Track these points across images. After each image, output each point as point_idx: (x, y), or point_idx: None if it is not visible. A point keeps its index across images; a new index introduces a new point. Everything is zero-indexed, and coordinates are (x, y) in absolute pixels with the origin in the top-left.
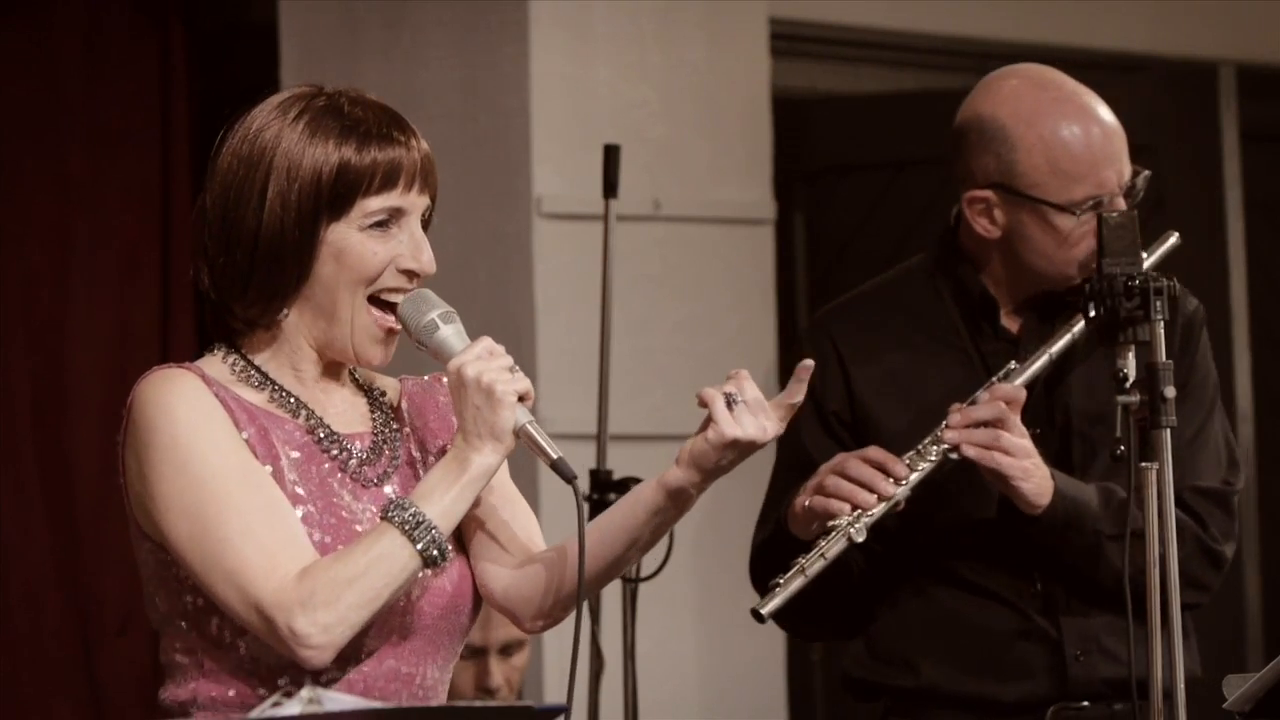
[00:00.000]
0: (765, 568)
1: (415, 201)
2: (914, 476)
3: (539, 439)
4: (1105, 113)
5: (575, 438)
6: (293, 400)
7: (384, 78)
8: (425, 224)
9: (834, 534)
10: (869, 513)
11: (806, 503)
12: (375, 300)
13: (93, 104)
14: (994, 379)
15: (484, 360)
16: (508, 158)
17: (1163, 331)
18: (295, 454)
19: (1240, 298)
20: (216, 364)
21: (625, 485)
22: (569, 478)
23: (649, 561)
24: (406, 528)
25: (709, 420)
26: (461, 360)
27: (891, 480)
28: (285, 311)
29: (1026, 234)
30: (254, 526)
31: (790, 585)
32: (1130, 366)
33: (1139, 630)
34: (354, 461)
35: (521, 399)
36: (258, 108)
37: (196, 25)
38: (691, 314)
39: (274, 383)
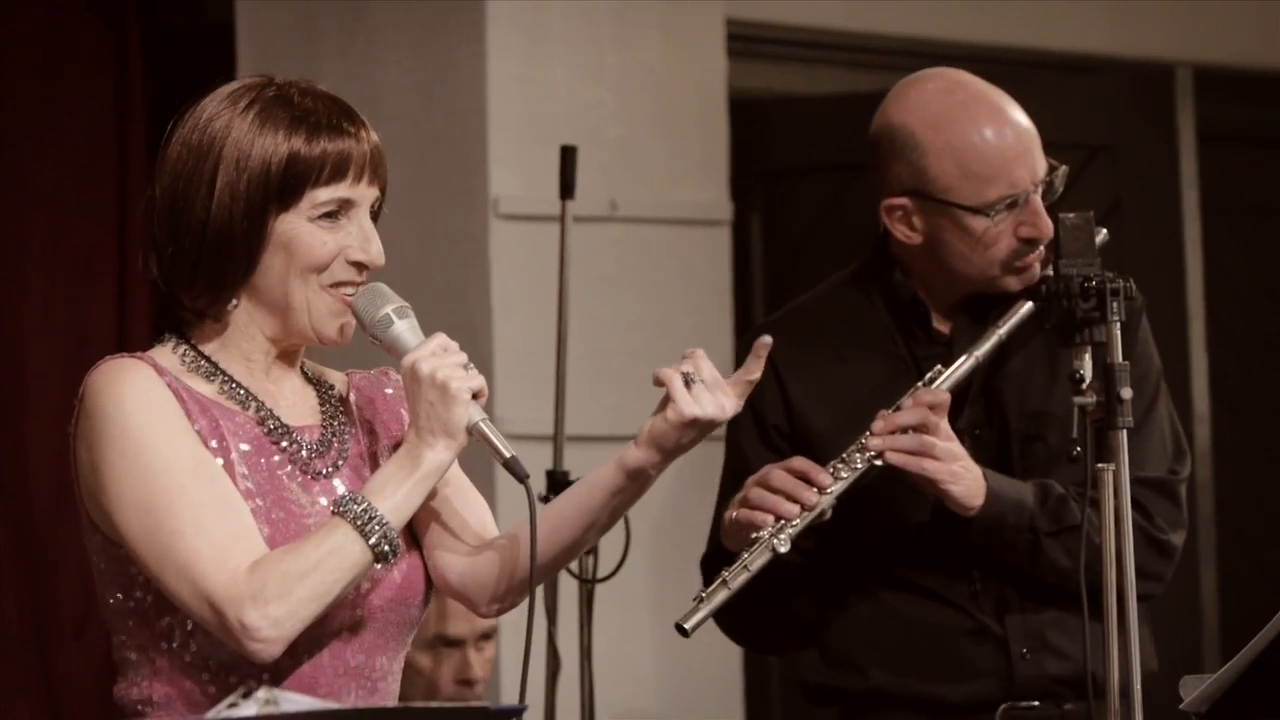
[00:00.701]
0: (707, 582)
1: (365, 193)
2: (837, 485)
3: (492, 437)
4: (1015, 112)
5: (532, 438)
6: (242, 392)
7: (341, 79)
8: (375, 216)
9: (757, 546)
10: (792, 523)
11: (734, 515)
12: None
13: (49, 105)
14: (918, 384)
15: (438, 356)
16: (465, 159)
17: (1119, 332)
18: (245, 446)
19: (1197, 298)
20: (167, 354)
21: None
22: (521, 477)
23: (605, 562)
24: (358, 523)
25: (667, 399)
26: (416, 356)
27: (815, 489)
28: (234, 302)
29: (945, 238)
30: (205, 519)
31: (714, 599)
32: (1086, 367)
33: (1089, 626)
34: (304, 454)
35: (475, 396)
36: (208, 98)
37: (154, 27)
38: (648, 315)
39: (224, 373)
